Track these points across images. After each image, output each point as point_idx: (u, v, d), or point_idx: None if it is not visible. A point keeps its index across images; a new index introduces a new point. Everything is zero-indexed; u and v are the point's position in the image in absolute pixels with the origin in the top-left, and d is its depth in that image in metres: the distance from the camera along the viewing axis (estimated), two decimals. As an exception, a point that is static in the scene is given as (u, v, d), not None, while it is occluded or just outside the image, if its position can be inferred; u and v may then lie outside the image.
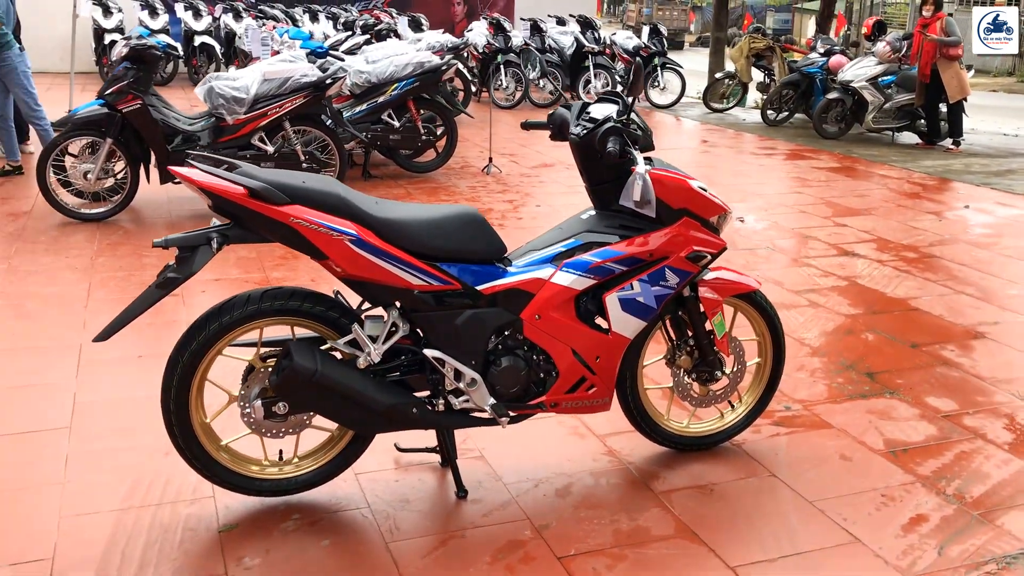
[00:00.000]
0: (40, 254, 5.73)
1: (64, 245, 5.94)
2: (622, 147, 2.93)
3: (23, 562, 2.71)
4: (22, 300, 4.93)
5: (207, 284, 5.13)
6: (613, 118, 2.99)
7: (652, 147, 3.08)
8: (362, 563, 2.77)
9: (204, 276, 5.00)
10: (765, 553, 2.86)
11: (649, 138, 3.04)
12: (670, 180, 3.01)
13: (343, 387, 2.81)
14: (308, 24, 14.63)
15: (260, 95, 6.58)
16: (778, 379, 3.50)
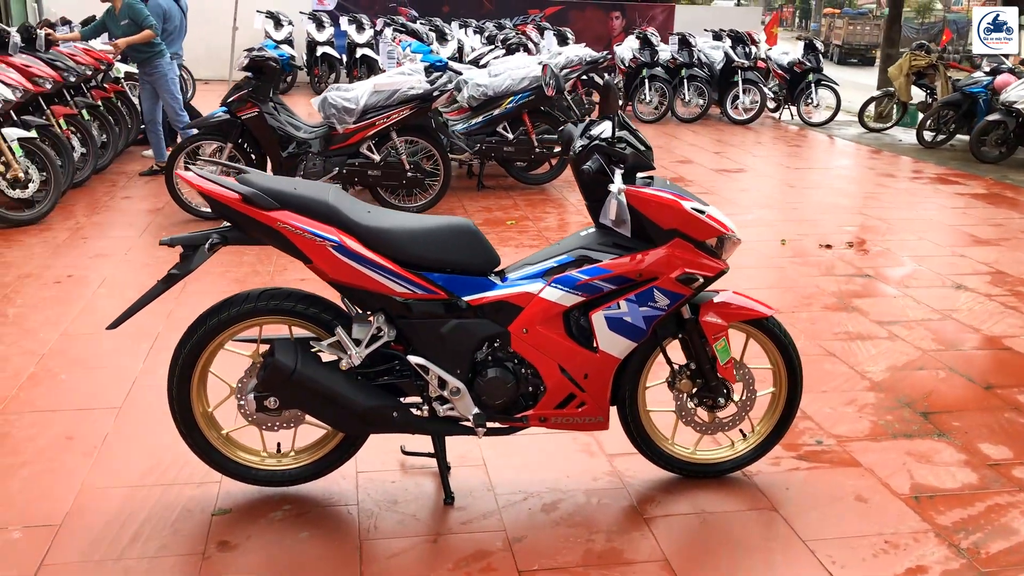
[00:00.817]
0: (157, 248, 6.20)
1: (179, 241, 6.40)
2: (601, 166, 2.92)
3: (33, 525, 2.99)
4: (125, 289, 5.36)
5: (301, 282, 5.41)
6: (598, 136, 2.97)
7: (647, 166, 3.03)
8: (330, 557, 2.88)
9: (292, 276, 5.29)
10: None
11: (641, 157, 3.00)
12: (659, 200, 2.96)
13: (321, 386, 2.94)
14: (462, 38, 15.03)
15: (369, 106, 6.86)
16: (793, 410, 3.36)
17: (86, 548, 2.88)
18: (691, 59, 14.37)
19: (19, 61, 7.50)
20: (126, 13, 8.17)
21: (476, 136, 8.21)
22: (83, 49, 8.98)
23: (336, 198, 2.96)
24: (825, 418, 3.90)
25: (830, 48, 34.65)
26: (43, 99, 7.75)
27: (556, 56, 11.92)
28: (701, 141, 12.13)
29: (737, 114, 14.13)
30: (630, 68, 14.40)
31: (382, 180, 7.05)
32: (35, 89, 7.45)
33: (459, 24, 15.83)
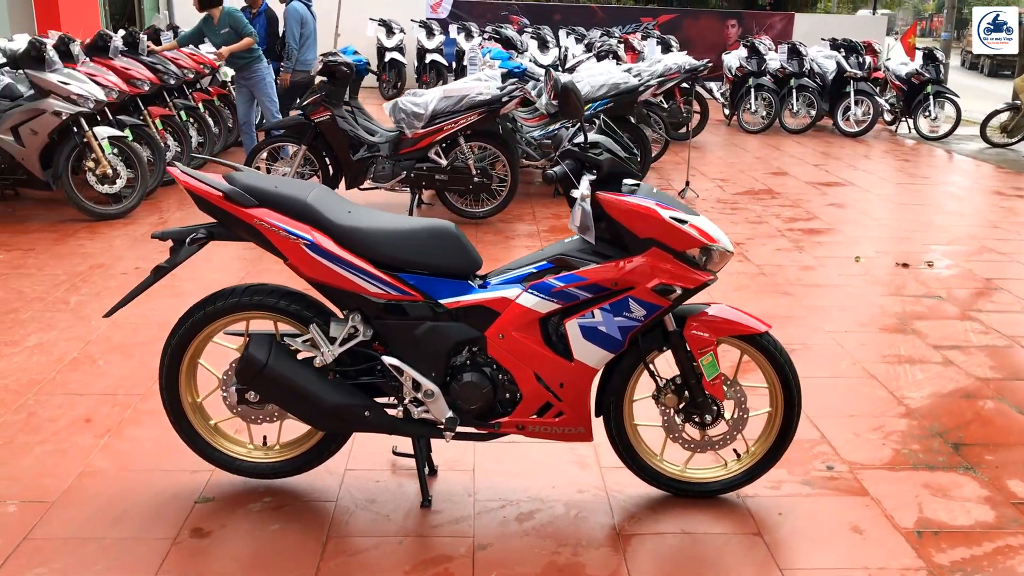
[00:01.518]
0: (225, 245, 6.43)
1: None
2: (566, 172, 2.86)
3: (29, 501, 3.14)
4: (184, 282, 5.58)
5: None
6: (572, 143, 2.92)
7: (628, 173, 2.96)
8: (292, 550, 2.91)
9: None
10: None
11: (620, 163, 2.92)
12: (635, 208, 2.88)
13: (291, 382, 2.99)
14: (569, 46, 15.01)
15: (439, 111, 6.94)
16: (790, 432, 3.20)
17: (72, 525, 3.01)
18: (801, 69, 13.93)
19: (119, 64, 7.94)
20: (226, 22, 8.52)
21: (554, 143, 8.18)
22: (187, 54, 9.42)
23: (317, 197, 3.00)
24: (844, 443, 3.71)
25: (980, 60, 33.04)
26: (141, 100, 8.16)
27: (655, 63, 11.79)
28: (804, 153, 11.74)
29: (848, 126, 13.61)
30: (736, 77, 14.09)
31: (449, 185, 7.11)
32: (132, 91, 7.86)
33: (566, 32, 15.82)
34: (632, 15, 19.03)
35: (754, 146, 12.30)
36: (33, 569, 2.78)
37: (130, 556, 2.86)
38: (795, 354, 4.62)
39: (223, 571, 2.80)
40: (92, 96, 6.79)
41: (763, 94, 13.70)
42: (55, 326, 4.78)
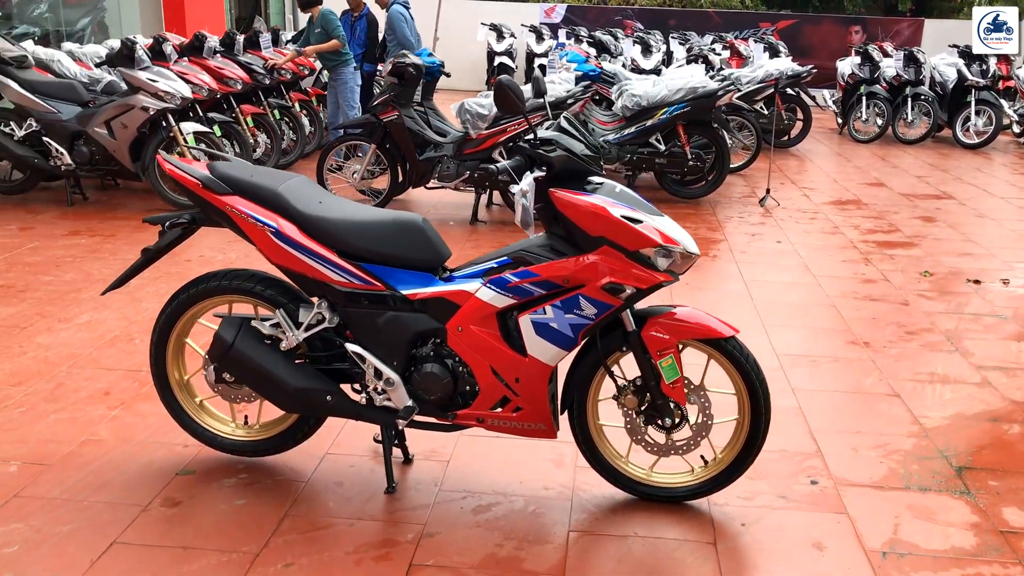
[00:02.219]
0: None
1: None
2: (510, 168, 2.89)
3: (30, 462, 3.39)
4: (239, 271, 5.85)
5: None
6: (524, 139, 2.94)
7: (584, 171, 2.95)
8: (248, 524, 3.04)
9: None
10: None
11: (575, 162, 2.91)
12: (585, 206, 2.87)
13: (256, 363, 3.12)
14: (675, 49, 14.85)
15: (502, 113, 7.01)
16: (757, 440, 3.12)
17: (59, 487, 3.23)
18: (918, 77, 13.33)
19: (213, 63, 8.36)
20: (320, 22, 8.87)
21: (628, 146, 8.15)
22: (286, 55, 9.81)
23: (289, 188, 3.12)
24: (838, 459, 3.58)
25: None
26: (235, 98, 8.57)
27: (757, 69, 11.55)
28: (912, 164, 11.25)
29: (968, 137, 12.94)
30: (848, 85, 13.61)
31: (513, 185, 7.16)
32: (224, 89, 8.27)
33: (672, 37, 15.66)
34: (750, 20, 18.64)
35: (860, 156, 11.86)
36: (11, 524, 2.99)
37: (100, 519, 3.04)
38: (820, 366, 4.50)
39: (178, 539, 2.95)
40: (178, 93, 7.19)
41: (875, 103, 13.17)
42: (109, 306, 5.09)
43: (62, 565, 2.79)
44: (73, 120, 7.26)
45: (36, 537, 2.93)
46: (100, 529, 2.98)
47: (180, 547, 2.90)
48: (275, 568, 2.81)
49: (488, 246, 6.60)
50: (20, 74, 7.28)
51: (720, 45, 14.36)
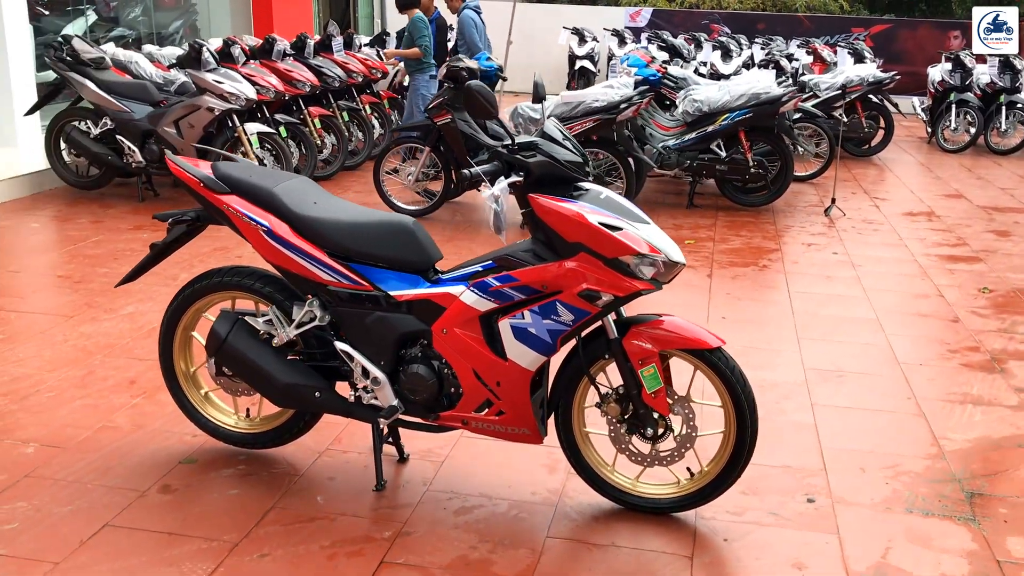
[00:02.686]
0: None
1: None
2: (483, 173, 2.89)
3: (47, 445, 3.56)
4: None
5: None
6: (502, 145, 2.94)
7: (566, 177, 2.93)
8: (234, 513, 3.12)
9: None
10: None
11: (556, 167, 2.90)
12: (561, 212, 2.86)
13: (248, 358, 3.21)
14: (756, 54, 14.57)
15: (555, 117, 7.02)
16: (742, 454, 3.05)
17: (67, 470, 3.38)
18: (1014, 84, 12.75)
19: (282, 66, 8.59)
20: (408, 27, 9.05)
21: (688, 152, 8.05)
22: (359, 58, 10.02)
23: (285, 188, 3.21)
24: (842, 478, 3.47)
25: None
26: (304, 100, 8.79)
27: (838, 75, 11.28)
28: (999, 176, 10.78)
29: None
30: (938, 91, 13.11)
31: (563, 190, 7.16)
32: (291, 91, 8.49)
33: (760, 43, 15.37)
34: (842, 25, 18.14)
35: (946, 166, 11.42)
36: (16, 502, 3.15)
37: (99, 502, 3.17)
38: (847, 382, 4.37)
39: (167, 525, 3.05)
40: (243, 94, 7.42)
41: (966, 111, 12.66)
42: (154, 298, 5.30)
43: (53, 544, 2.92)
44: (144, 119, 7.57)
45: (36, 516, 3.08)
46: (96, 511, 3.11)
47: (166, 532, 3.01)
48: (250, 558, 2.89)
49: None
50: (98, 75, 7.63)
51: (803, 50, 14.01)
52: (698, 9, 19.48)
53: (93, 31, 11.75)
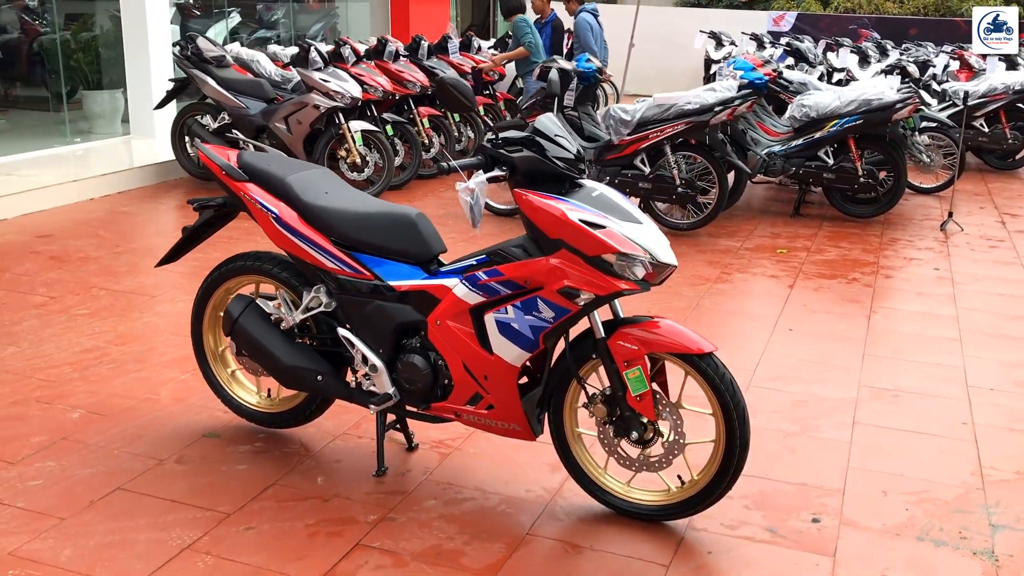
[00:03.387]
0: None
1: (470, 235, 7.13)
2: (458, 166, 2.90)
3: (92, 412, 3.82)
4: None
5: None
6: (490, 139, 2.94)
7: (552, 173, 2.90)
8: (234, 488, 3.26)
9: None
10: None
11: (540, 163, 2.87)
12: (543, 208, 2.84)
13: (255, 339, 3.35)
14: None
15: (646, 119, 6.94)
16: (730, 465, 2.94)
17: (102, 435, 3.62)
18: None
19: (394, 67, 8.84)
20: (512, 30, 9.18)
21: (795, 159, 7.78)
22: (477, 60, 10.18)
23: (299, 178, 3.32)
24: (859, 499, 3.30)
25: None
26: (413, 100, 9.01)
27: (982, 82, 10.66)
28: None
29: None
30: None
31: (652, 193, 7.07)
32: (401, 91, 8.73)
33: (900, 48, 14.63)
34: (1005, 30, 17.00)
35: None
36: (47, 461, 3.41)
37: (119, 466, 3.38)
38: (901, 402, 4.13)
39: (171, 493, 3.22)
40: (348, 93, 7.69)
41: None
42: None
43: (66, 502, 3.14)
44: (258, 115, 7.96)
45: (60, 475, 3.31)
46: (114, 475, 3.32)
47: (169, 500, 3.18)
48: (236, 530, 3.01)
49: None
50: (218, 72, 8.08)
51: (949, 56, 13.22)
52: (848, 14, 18.70)
53: (237, 33, 12.43)
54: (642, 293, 2.90)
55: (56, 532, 2.96)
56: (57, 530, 2.98)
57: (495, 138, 2.95)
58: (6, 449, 3.48)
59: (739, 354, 4.52)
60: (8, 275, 5.60)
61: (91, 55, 9.83)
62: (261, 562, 2.85)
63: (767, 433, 3.75)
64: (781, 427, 3.86)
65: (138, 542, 2.92)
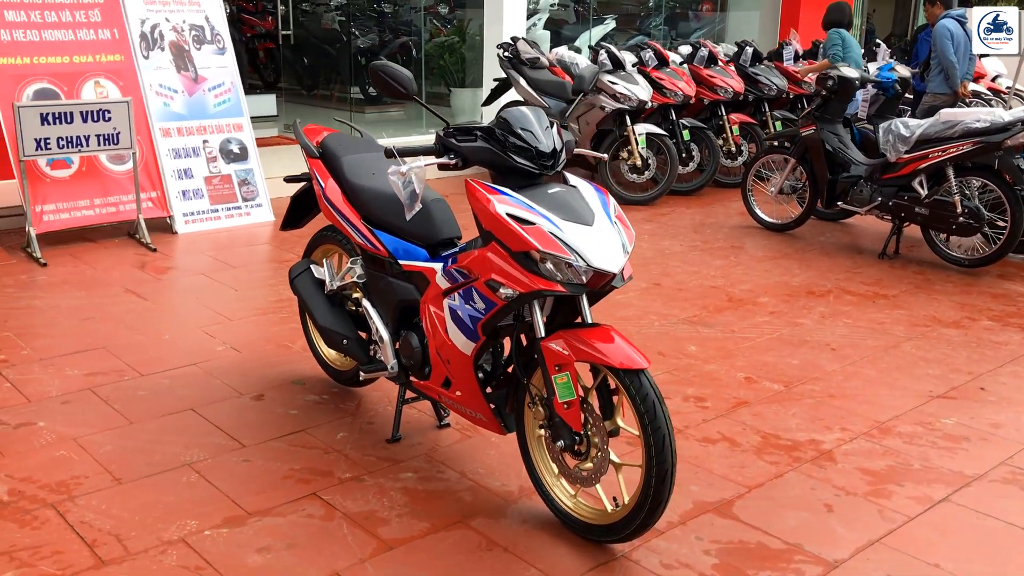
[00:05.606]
0: (715, 251, 6.90)
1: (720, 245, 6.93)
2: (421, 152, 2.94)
3: (232, 347, 4.48)
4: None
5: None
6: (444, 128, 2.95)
7: (512, 167, 2.84)
8: (269, 427, 3.66)
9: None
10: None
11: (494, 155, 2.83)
12: (477, 197, 2.81)
13: (303, 298, 3.73)
14: None
15: (926, 136, 6.13)
16: (648, 496, 2.70)
17: (220, 365, 4.25)
18: None
19: (705, 71, 8.70)
20: (825, 41, 8.62)
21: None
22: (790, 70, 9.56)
23: (354, 158, 3.62)
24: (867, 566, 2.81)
25: None
26: (725, 106, 8.80)
27: None
28: None
29: None
30: None
31: (930, 221, 6.23)
32: (710, 96, 8.60)
33: None
34: None
35: None
36: (163, 380, 4.11)
37: (206, 393, 3.97)
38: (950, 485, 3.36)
39: (225, 420, 3.71)
40: (635, 96, 7.79)
41: None
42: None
43: (145, 411, 3.78)
44: (557, 115, 8.35)
45: (162, 391, 3.99)
46: (194, 398, 3.91)
47: (214, 425, 3.68)
48: (235, 460, 3.42)
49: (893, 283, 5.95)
50: (530, 72, 8.62)
51: None
52: None
53: (611, 38, 12.96)
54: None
55: (115, 432, 3.61)
56: (118, 430, 3.62)
57: (448, 127, 2.98)
58: (146, 367, 4.23)
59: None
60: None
61: (456, 57, 10.97)
62: (227, 489, 3.22)
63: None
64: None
65: (159, 452, 3.46)
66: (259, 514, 3.07)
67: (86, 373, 4.14)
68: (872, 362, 4.57)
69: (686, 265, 6.17)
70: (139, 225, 6.31)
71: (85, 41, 6.40)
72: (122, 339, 4.56)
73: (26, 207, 5.92)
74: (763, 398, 4.10)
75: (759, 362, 4.51)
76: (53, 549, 2.84)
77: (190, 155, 6.81)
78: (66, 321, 4.80)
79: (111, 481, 3.24)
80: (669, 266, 6.14)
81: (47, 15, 6.26)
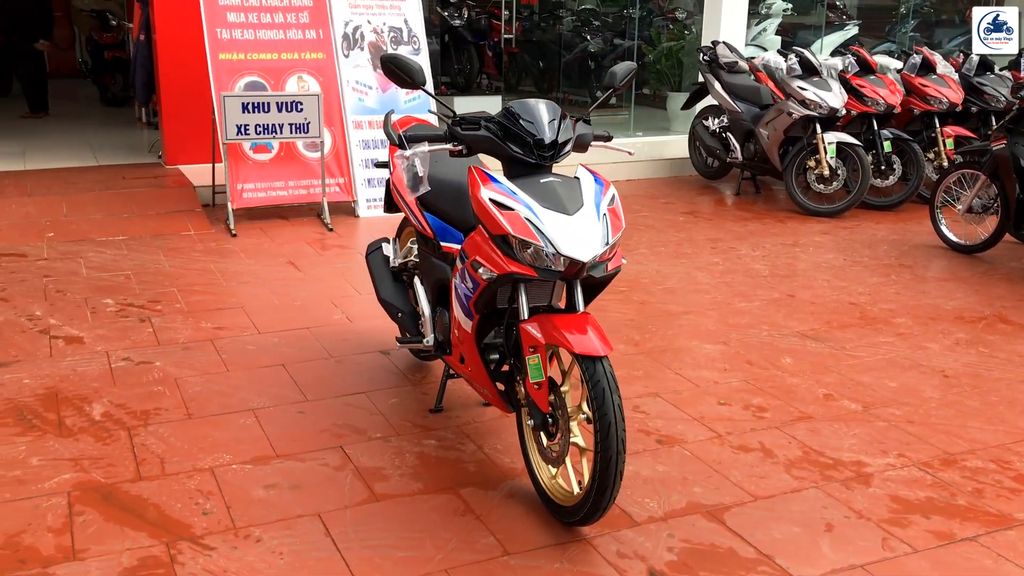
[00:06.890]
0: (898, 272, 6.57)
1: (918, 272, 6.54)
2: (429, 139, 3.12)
3: (346, 317, 4.93)
4: (733, 265, 6.20)
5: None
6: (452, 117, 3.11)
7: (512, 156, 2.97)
8: (327, 388, 4.02)
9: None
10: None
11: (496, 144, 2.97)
12: (471, 181, 2.97)
13: (372, 273, 4.06)
14: None
15: None
16: (594, 484, 2.75)
17: (329, 332, 4.69)
18: None
19: (919, 80, 8.13)
20: None
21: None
22: None
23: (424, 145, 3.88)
24: None
25: None
26: (940, 117, 8.18)
27: None
28: None
29: None
30: None
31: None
32: (921, 107, 8.04)
33: None
34: None
35: None
36: (274, 339, 4.61)
37: (305, 354, 4.40)
38: None
39: (300, 379, 4.11)
40: (825, 103, 7.47)
41: None
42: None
43: (243, 363, 4.29)
44: (749, 120, 8.19)
45: (268, 347, 4.49)
46: (287, 357, 4.37)
47: (292, 381, 4.11)
48: (289, 412, 3.80)
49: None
50: (726, 77, 8.50)
51: None
52: None
53: (853, 43, 12.36)
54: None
55: (210, 377, 4.13)
56: (214, 376, 4.14)
57: (455, 116, 3.16)
58: (266, 327, 4.76)
59: None
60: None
61: (672, 60, 10.96)
62: (271, 433, 3.61)
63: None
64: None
65: (235, 396, 3.93)
66: (284, 457, 3.43)
67: (215, 327, 4.74)
68: (983, 394, 4.19)
69: (835, 280, 5.89)
70: (323, 207, 6.99)
71: (293, 40, 7.17)
72: (260, 302, 5.15)
73: (227, 185, 6.76)
74: (830, 416, 3.91)
75: (851, 381, 4.28)
76: (108, 462, 3.35)
77: (378, 147, 7.41)
78: (224, 283, 5.48)
79: (184, 415, 3.75)
80: (814, 279, 5.89)
81: (262, 16, 7.09)
